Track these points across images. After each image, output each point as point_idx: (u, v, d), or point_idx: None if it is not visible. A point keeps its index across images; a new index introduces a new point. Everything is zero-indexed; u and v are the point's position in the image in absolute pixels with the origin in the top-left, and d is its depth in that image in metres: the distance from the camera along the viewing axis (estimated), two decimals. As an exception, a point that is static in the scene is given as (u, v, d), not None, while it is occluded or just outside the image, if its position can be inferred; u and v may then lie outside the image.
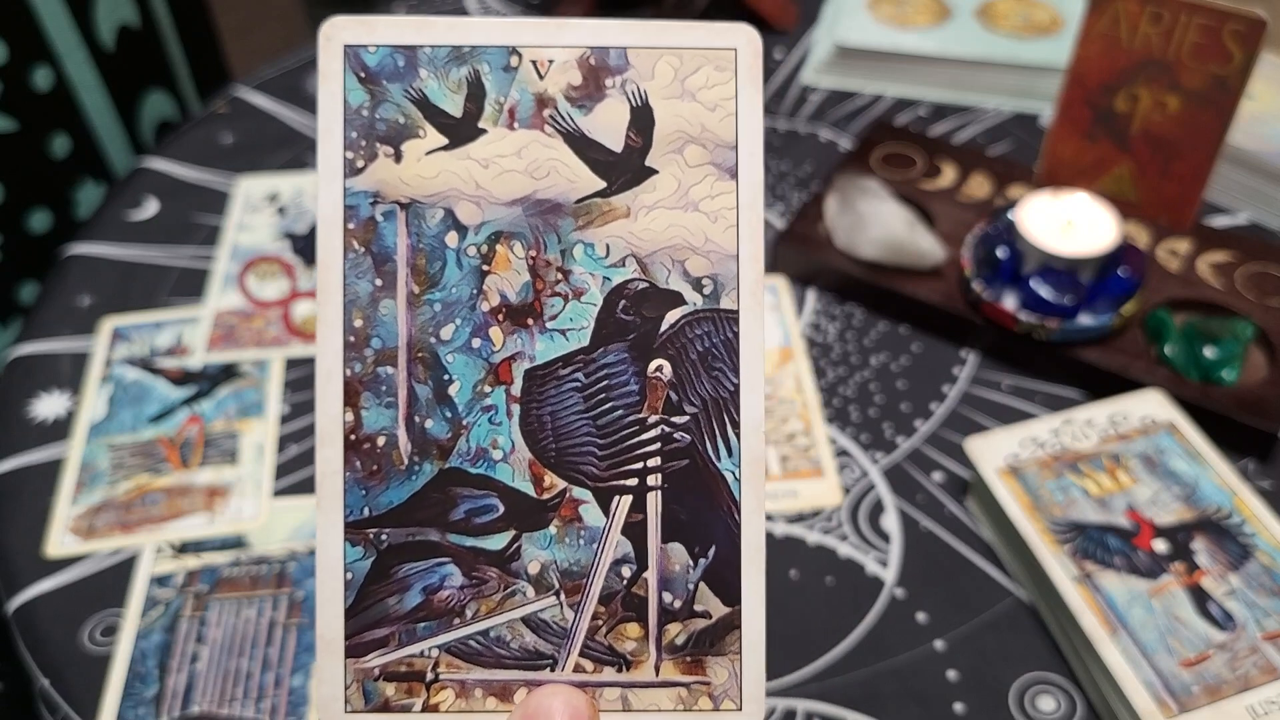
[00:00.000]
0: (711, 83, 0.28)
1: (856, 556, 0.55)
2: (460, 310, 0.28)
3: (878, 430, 0.61)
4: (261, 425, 0.61)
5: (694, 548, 0.28)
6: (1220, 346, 0.60)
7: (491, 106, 0.28)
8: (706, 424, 0.28)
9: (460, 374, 0.28)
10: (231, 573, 0.55)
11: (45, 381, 0.64)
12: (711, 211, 0.28)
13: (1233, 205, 0.74)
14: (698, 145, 0.28)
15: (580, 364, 0.28)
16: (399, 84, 0.28)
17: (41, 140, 0.81)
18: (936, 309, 0.65)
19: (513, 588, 0.28)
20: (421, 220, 0.28)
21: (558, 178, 0.28)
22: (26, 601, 0.54)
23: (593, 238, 0.28)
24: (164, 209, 0.76)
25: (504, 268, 0.28)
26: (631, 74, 0.28)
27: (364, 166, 0.28)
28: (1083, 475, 0.53)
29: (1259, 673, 0.46)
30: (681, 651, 0.28)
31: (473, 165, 0.28)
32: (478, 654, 0.28)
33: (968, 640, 0.51)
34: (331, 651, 0.27)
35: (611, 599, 0.28)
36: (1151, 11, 0.62)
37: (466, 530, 0.28)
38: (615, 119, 0.28)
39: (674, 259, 0.28)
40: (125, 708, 0.49)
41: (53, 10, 0.79)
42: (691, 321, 0.28)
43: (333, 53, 0.28)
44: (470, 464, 0.28)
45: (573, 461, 0.28)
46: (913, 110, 0.83)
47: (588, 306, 0.28)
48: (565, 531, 0.28)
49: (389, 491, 0.28)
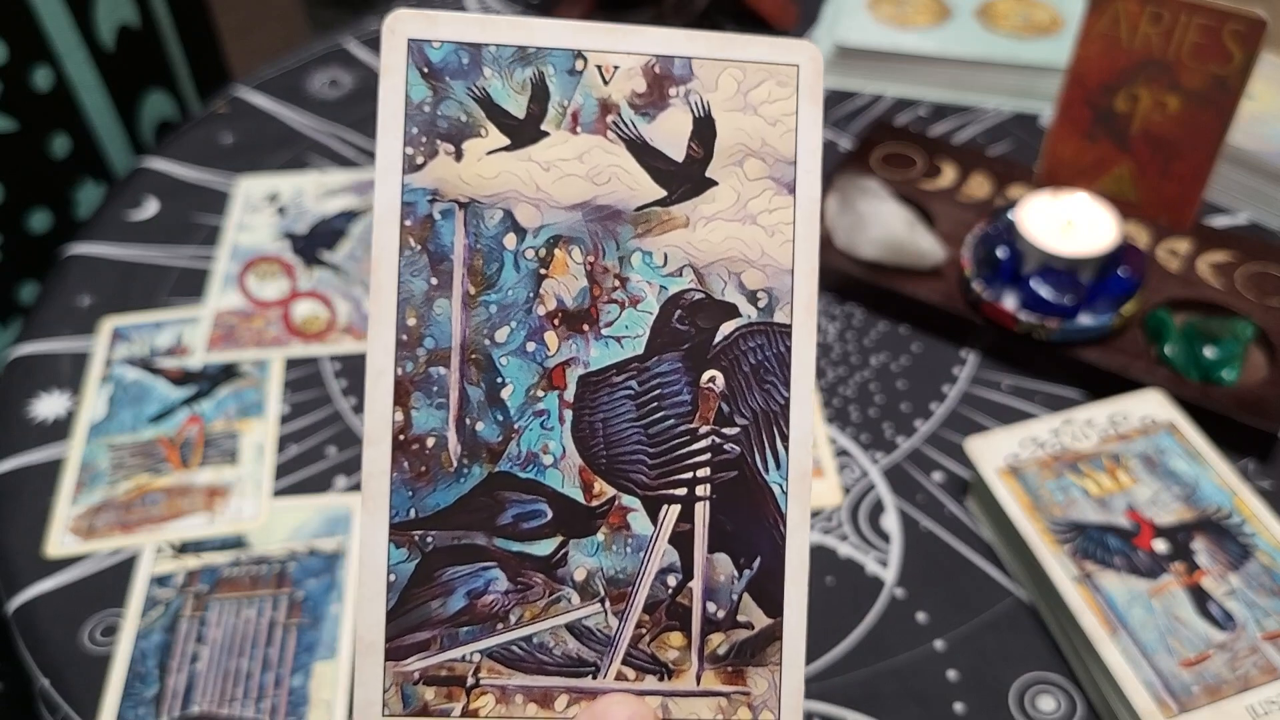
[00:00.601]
0: (773, 97, 0.28)
1: (856, 556, 0.55)
2: (516, 313, 0.28)
3: (878, 430, 0.61)
4: (261, 425, 0.61)
5: (739, 559, 0.28)
6: (1220, 346, 0.60)
7: (555, 109, 0.28)
8: (756, 436, 0.28)
9: (514, 377, 0.28)
10: (231, 573, 0.55)
11: (45, 381, 0.64)
12: (769, 225, 0.28)
13: (1233, 205, 0.74)
14: (758, 159, 0.28)
15: (634, 372, 0.28)
16: (462, 81, 0.28)
17: (41, 140, 0.81)
18: (936, 309, 0.65)
19: (558, 594, 0.28)
20: (480, 220, 0.28)
21: (618, 184, 0.28)
22: (26, 601, 0.54)
23: (651, 246, 0.28)
24: (164, 209, 0.76)
25: (561, 272, 0.28)
26: (695, 84, 0.28)
27: (423, 163, 0.28)
28: (1083, 475, 0.53)
29: (1259, 673, 0.46)
30: (723, 661, 0.28)
31: (534, 167, 0.28)
32: (520, 660, 0.28)
33: (968, 640, 0.51)
34: (371, 654, 0.27)
35: (656, 608, 0.28)
36: (1151, 11, 0.62)
37: (513, 535, 0.28)
38: (678, 128, 0.28)
39: (730, 271, 0.28)
40: (125, 708, 0.49)
41: (53, 10, 0.79)
42: (745, 334, 0.28)
43: (396, 46, 0.28)
44: (520, 468, 0.28)
45: (623, 469, 0.28)
46: (913, 110, 0.83)
47: (644, 314, 0.28)
48: (613, 539, 0.28)
49: (436, 494, 0.28)
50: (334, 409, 0.62)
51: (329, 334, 0.67)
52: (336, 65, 0.89)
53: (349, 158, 0.80)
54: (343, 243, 0.72)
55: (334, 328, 0.67)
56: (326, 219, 0.74)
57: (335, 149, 0.81)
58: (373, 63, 0.89)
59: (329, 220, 0.74)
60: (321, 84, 0.87)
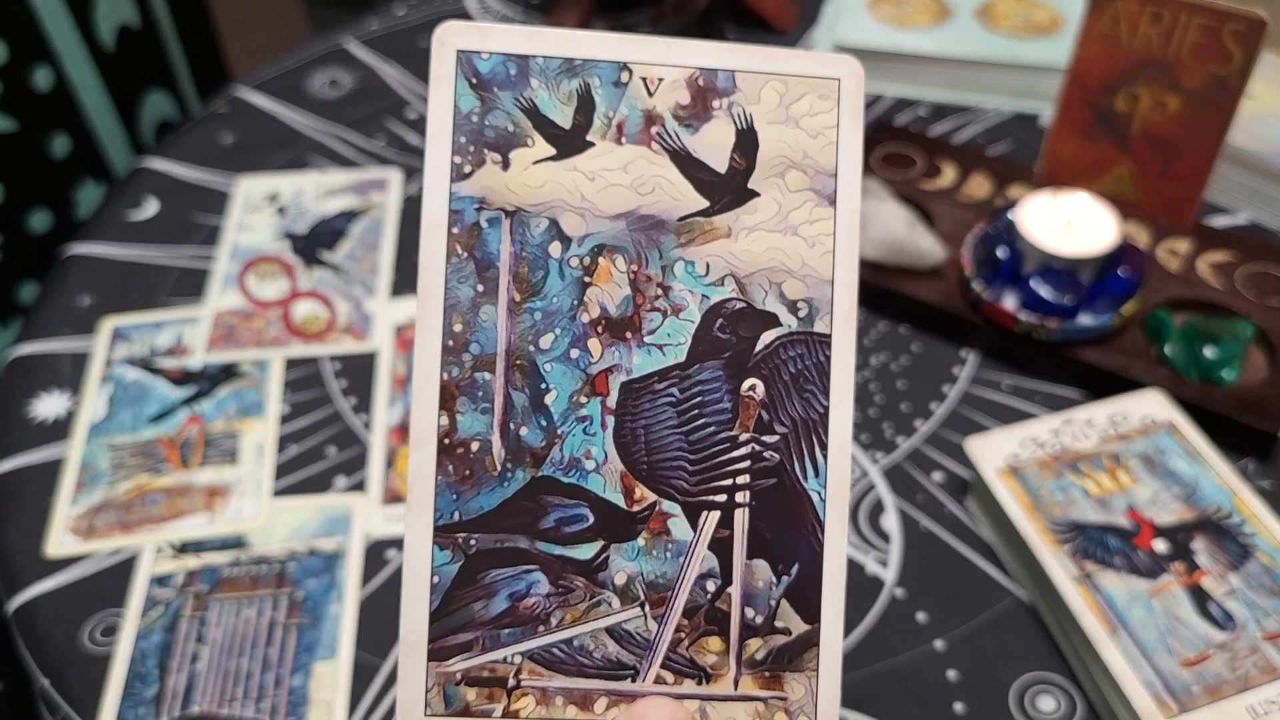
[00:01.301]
0: (815, 110, 0.29)
1: (856, 556, 0.55)
2: (560, 320, 0.28)
3: (878, 430, 0.61)
4: (261, 425, 0.61)
5: (778, 565, 0.28)
6: (1220, 346, 0.60)
7: (600, 120, 0.28)
8: (795, 444, 0.28)
9: (557, 383, 0.28)
10: (231, 573, 0.55)
11: (45, 381, 0.64)
12: (810, 237, 0.28)
13: (1233, 205, 0.74)
14: (799, 171, 0.28)
15: (676, 379, 0.28)
16: (510, 92, 0.28)
17: (41, 140, 0.81)
18: (936, 309, 0.65)
19: (598, 598, 0.28)
20: (526, 229, 0.28)
21: (662, 194, 0.28)
22: (26, 601, 0.54)
23: (693, 255, 0.28)
24: (164, 209, 0.76)
25: (605, 280, 0.28)
26: (738, 97, 0.28)
27: (471, 172, 0.28)
28: (1083, 475, 0.53)
29: (1259, 673, 0.46)
30: (761, 666, 0.28)
31: (579, 177, 0.28)
32: (560, 662, 0.28)
33: (968, 640, 0.51)
34: (415, 654, 0.28)
35: (695, 612, 0.28)
36: (1151, 11, 0.62)
37: (556, 539, 0.28)
38: (721, 140, 0.28)
39: (771, 281, 0.28)
40: (125, 708, 0.49)
41: (53, 10, 0.79)
42: (786, 343, 0.28)
43: (445, 57, 0.28)
44: (563, 473, 0.28)
45: (664, 475, 0.28)
46: (913, 110, 0.83)
47: (686, 323, 0.28)
48: (653, 544, 0.28)
49: (480, 497, 0.28)
50: (334, 409, 0.62)
51: (329, 334, 0.67)
52: (336, 65, 0.89)
53: (349, 158, 0.80)
54: (343, 243, 0.72)
55: (334, 328, 0.67)
56: (326, 219, 0.74)
57: (335, 149, 0.81)
58: (372, 63, 0.89)
59: (329, 220, 0.74)
60: (321, 84, 0.87)
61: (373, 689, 0.50)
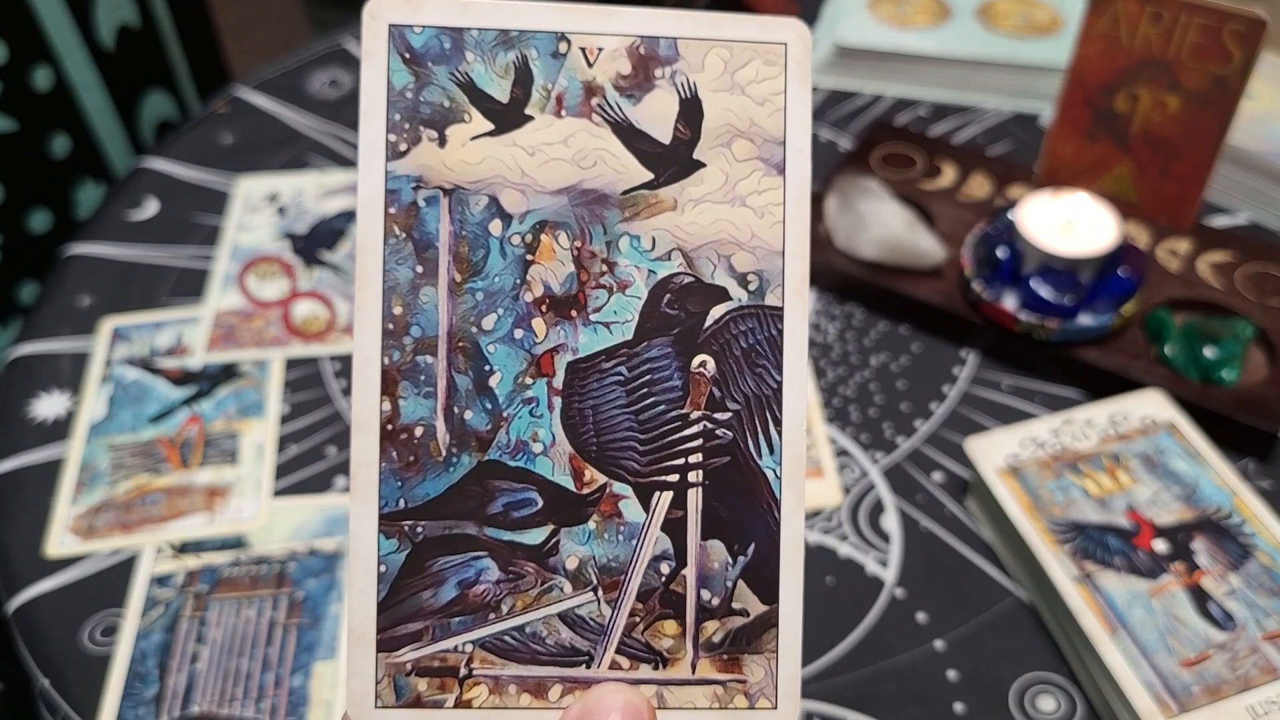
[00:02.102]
0: (761, 77, 0.28)
1: (856, 556, 0.55)
2: (503, 300, 0.27)
3: (878, 430, 0.61)
4: (261, 425, 0.61)
5: (733, 545, 0.28)
6: (1220, 346, 0.60)
7: (539, 93, 0.27)
8: (749, 421, 0.28)
9: (502, 365, 0.27)
10: (231, 573, 0.55)
11: (45, 381, 0.64)
12: (758, 207, 0.28)
13: (1233, 205, 0.74)
14: (746, 140, 0.28)
15: (623, 357, 0.28)
16: (445, 67, 0.27)
17: (41, 140, 0.81)
18: (936, 309, 0.65)
19: (550, 583, 0.27)
20: (465, 207, 0.27)
21: (605, 168, 0.28)
22: (26, 601, 0.54)
23: (639, 230, 0.28)
24: (164, 209, 0.76)
25: (548, 258, 0.27)
26: (681, 65, 0.28)
27: (407, 150, 0.27)
28: (1083, 475, 0.53)
29: (1259, 673, 0.46)
30: (718, 649, 0.28)
31: (519, 152, 0.27)
32: (513, 650, 0.27)
33: (968, 640, 0.51)
34: (363, 645, 0.27)
35: (649, 596, 0.28)
36: (1151, 11, 0.62)
37: (504, 524, 0.27)
38: (664, 110, 0.28)
39: (720, 254, 0.28)
40: (125, 708, 0.49)
41: (53, 10, 0.79)
42: (736, 317, 0.28)
43: (377, 31, 0.27)
44: (510, 456, 0.27)
45: (614, 456, 0.28)
46: (913, 110, 0.83)
47: (632, 299, 0.28)
48: (604, 527, 0.28)
49: (425, 483, 0.27)
50: (334, 409, 0.62)
51: (329, 334, 0.67)
52: (336, 65, 0.89)
53: (349, 158, 0.80)
54: (343, 243, 0.72)
55: (334, 328, 0.67)
56: (326, 219, 0.74)
57: (335, 149, 0.81)
58: (373, 63, 0.89)
59: (329, 220, 0.74)
60: (321, 84, 0.87)
61: (373, 689, 0.50)
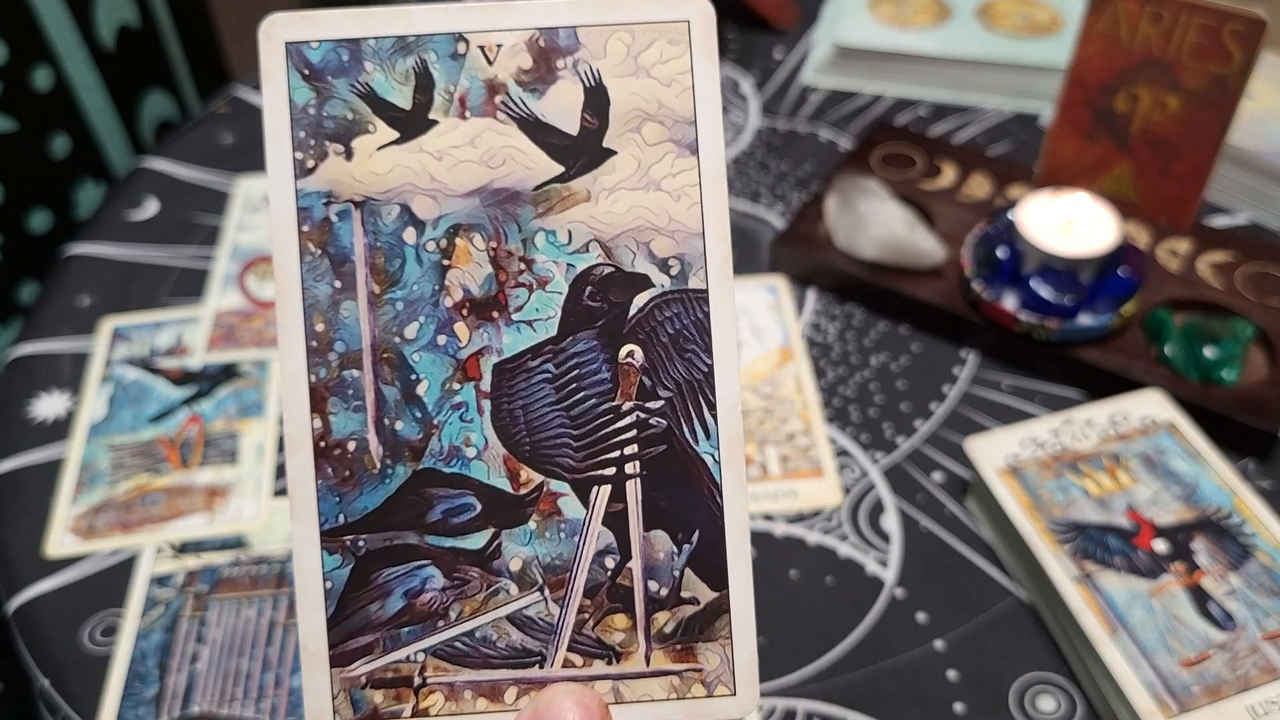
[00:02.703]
0: (666, 57, 0.27)
1: (856, 556, 0.55)
2: (423, 307, 0.27)
3: (878, 430, 0.61)
4: (261, 425, 0.61)
5: (677, 534, 0.28)
6: (1220, 346, 0.60)
7: (441, 96, 0.27)
8: (682, 407, 0.28)
9: (428, 373, 0.27)
10: (231, 573, 0.55)
11: (45, 381, 0.64)
12: (674, 190, 0.27)
13: (1233, 205, 0.74)
14: (655, 123, 0.27)
15: (549, 354, 0.27)
16: (344, 79, 0.27)
17: (41, 140, 0.81)
18: (936, 309, 0.65)
19: (496, 586, 0.27)
20: (377, 218, 0.27)
21: (514, 165, 0.27)
22: (26, 601, 0.54)
23: (554, 224, 0.27)
24: (164, 209, 0.76)
25: (465, 261, 0.27)
26: (583, 53, 0.27)
27: (314, 166, 0.27)
28: (1083, 475, 0.53)
29: (1259, 673, 0.46)
30: (671, 640, 0.27)
31: (426, 158, 0.27)
32: (465, 655, 0.27)
33: (968, 640, 0.51)
34: (316, 662, 0.27)
35: (597, 591, 0.27)
36: (1151, 11, 0.62)
37: (445, 531, 0.27)
38: (569, 101, 0.27)
39: (638, 241, 0.27)
40: (125, 708, 0.49)
41: (53, 10, 0.79)
42: (660, 304, 0.28)
43: (274, 50, 0.27)
44: (444, 463, 0.27)
45: (548, 454, 0.28)
46: (913, 110, 0.83)
47: (553, 295, 0.27)
48: (545, 526, 0.27)
49: (363, 497, 0.27)
50: (334, 409, 0.62)
51: (329, 334, 0.67)
52: (336, 65, 0.89)
53: (349, 158, 0.80)
54: (343, 243, 0.72)
55: (334, 328, 0.67)
56: (326, 219, 0.74)
57: (335, 149, 0.81)
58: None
59: (329, 220, 0.74)
60: (321, 84, 0.87)
61: (373, 689, 0.50)
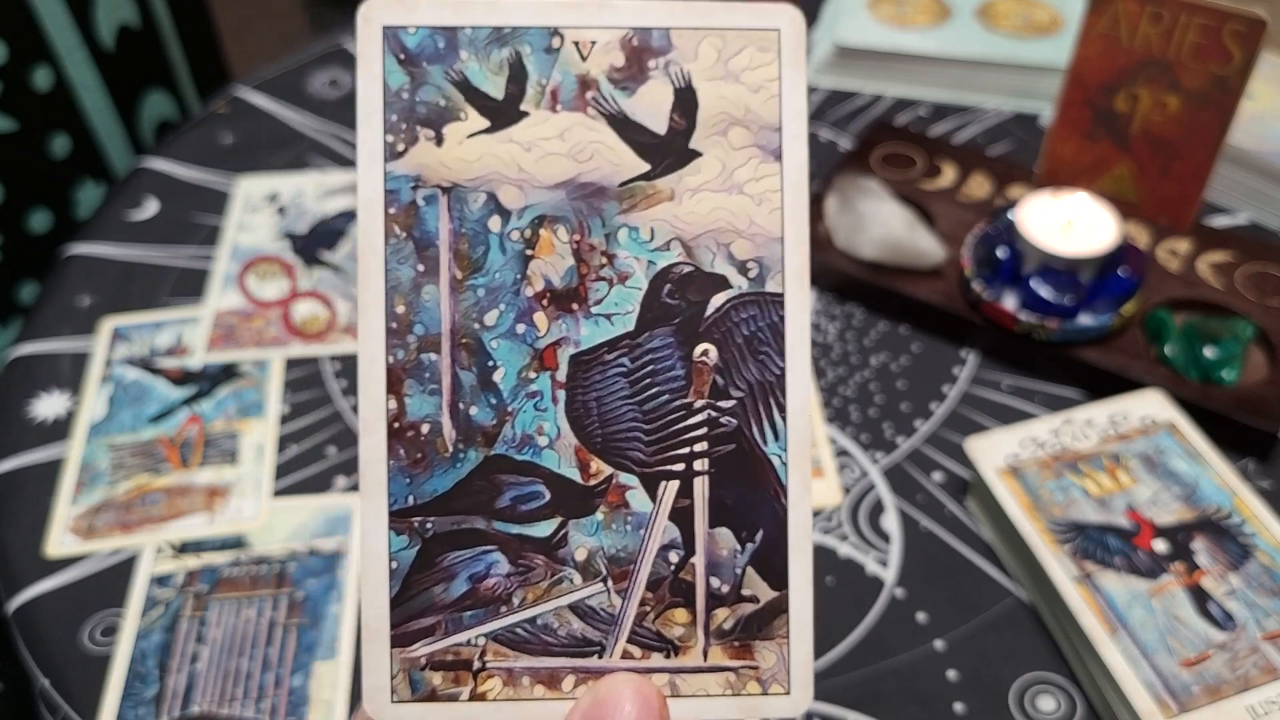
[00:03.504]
0: (755, 64, 0.28)
1: (856, 556, 0.55)
2: (504, 295, 0.28)
3: (878, 430, 0.61)
4: (261, 425, 0.61)
5: (741, 532, 0.28)
6: (1220, 346, 0.60)
7: (533, 88, 0.28)
8: (753, 408, 0.28)
9: (505, 360, 0.28)
10: (231, 573, 0.55)
11: (45, 381, 0.64)
12: (756, 194, 0.28)
13: (1233, 205, 0.74)
14: (742, 127, 0.28)
15: (625, 349, 0.28)
16: (439, 66, 0.28)
17: (41, 140, 0.81)
18: (936, 309, 0.65)
19: (559, 575, 0.28)
20: (464, 204, 0.28)
21: (601, 160, 0.28)
22: (26, 601, 0.54)
23: (637, 221, 0.28)
24: (164, 209, 0.76)
25: (548, 252, 0.28)
26: (674, 55, 0.28)
27: (404, 150, 0.27)
28: (1083, 475, 0.53)
29: (1259, 673, 0.46)
30: (729, 636, 0.28)
31: (515, 148, 0.28)
32: (525, 642, 0.27)
33: (968, 640, 0.51)
34: (377, 641, 0.27)
35: (659, 585, 0.28)
36: (1151, 11, 0.62)
37: (513, 517, 0.28)
38: (658, 101, 0.28)
39: (719, 242, 0.28)
40: (125, 708, 0.49)
41: (53, 10, 0.79)
42: (737, 305, 0.28)
43: (371, 34, 0.27)
44: (515, 450, 0.28)
45: (619, 447, 0.28)
46: (913, 110, 0.83)
47: (632, 291, 0.28)
48: (612, 518, 0.28)
49: (433, 479, 0.27)
50: (334, 409, 0.62)
51: (329, 334, 0.67)
52: (336, 65, 0.89)
53: (349, 158, 0.80)
54: (343, 243, 0.72)
55: (334, 328, 0.67)
56: (326, 219, 0.74)
57: (335, 149, 0.81)
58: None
59: (329, 220, 0.74)
60: (321, 84, 0.87)
61: (373, 689, 0.50)
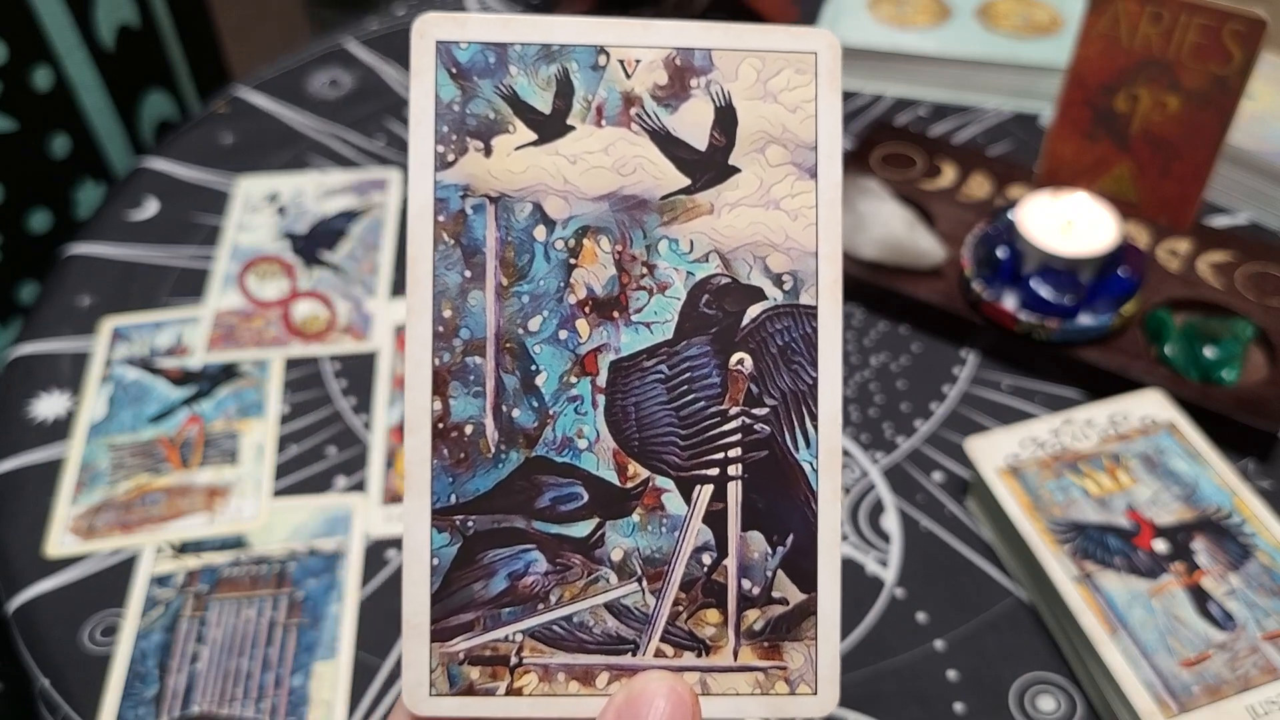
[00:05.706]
0: (793, 85, 0.29)
1: (856, 556, 0.55)
2: (548, 302, 0.29)
3: (878, 430, 0.61)
4: (261, 425, 0.61)
5: (772, 536, 0.29)
6: (1220, 346, 0.60)
7: (580, 104, 0.29)
8: (785, 416, 0.29)
9: (547, 365, 0.29)
10: (231, 573, 0.55)
11: (45, 381, 0.64)
12: (792, 210, 0.29)
13: (1233, 205, 0.74)
14: (779, 145, 0.29)
15: (664, 356, 0.29)
16: (490, 80, 0.29)
17: (41, 140, 0.81)
18: (936, 309, 0.65)
19: (596, 574, 0.28)
20: (510, 214, 0.29)
21: (644, 174, 0.29)
22: (26, 601, 0.54)
23: (677, 233, 0.29)
24: (164, 209, 0.76)
25: (591, 261, 0.29)
26: (716, 75, 0.29)
27: (454, 160, 0.29)
28: (1083, 475, 0.53)
29: (1259, 673, 0.46)
30: (759, 637, 0.29)
31: (561, 161, 0.29)
32: (561, 639, 0.28)
33: (968, 640, 0.51)
34: (418, 636, 0.28)
35: (692, 585, 0.29)
36: (1151, 11, 0.62)
37: (552, 517, 0.29)
38: (700, 118, 0.29)
39: (755, 255, 0.29)
40: (125, 708, 0.49)
41: (53, 10, 0.79)
42: (772, 316, 0.29)
43: (425, 49, 0.29)
44: (556, 453, 0.29)
45: (656, 451, 0.29)
46: (913, 110, 0.83)
47: (672, 300, 0.29)
48: (648, 520, 0.29)
49: (476, 479, 0.28)
50: (334, 409, 0.62)
51: (329, 334, 0.67)
52: (336, 65, 0.89)
53: (349, 158, 0.80)
54: (343, 243, 0.72)
55: (334, 328, 0.67)
56: (326, 219, 0.74)
57: (335, 149, 0.81)
58: (372, 62, 0.89)
59: (329, 220, 0.74)
60: (321, 84, 0.87)
61: (373, 689, 0.50)
